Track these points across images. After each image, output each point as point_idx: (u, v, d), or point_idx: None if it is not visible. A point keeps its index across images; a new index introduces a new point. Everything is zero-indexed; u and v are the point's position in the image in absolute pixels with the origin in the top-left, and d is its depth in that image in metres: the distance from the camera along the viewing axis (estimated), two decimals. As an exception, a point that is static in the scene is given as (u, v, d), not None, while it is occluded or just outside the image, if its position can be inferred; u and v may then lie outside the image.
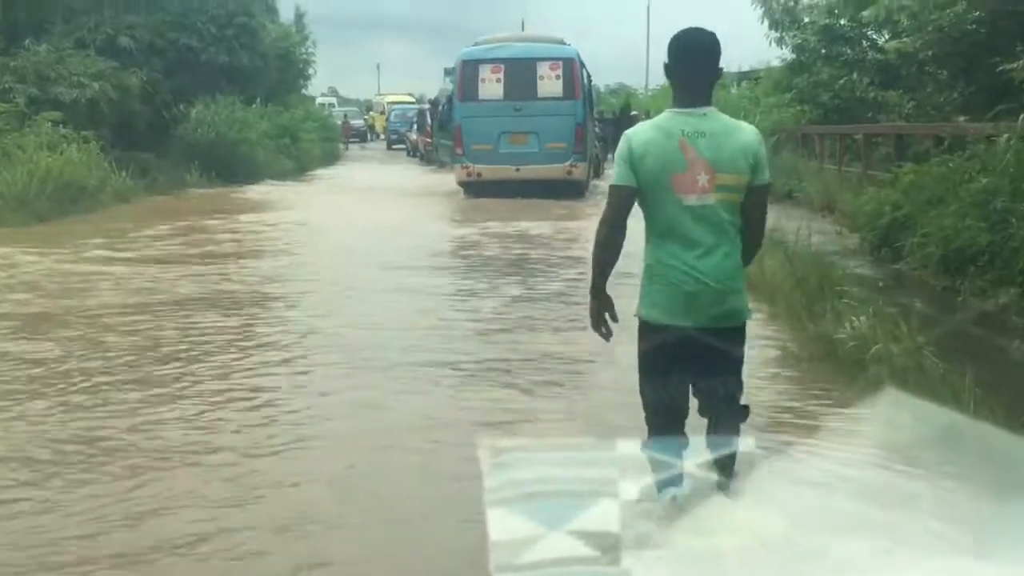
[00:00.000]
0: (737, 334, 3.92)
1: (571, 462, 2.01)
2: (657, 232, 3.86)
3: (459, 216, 17.55)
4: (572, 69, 19.89)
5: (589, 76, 22.64)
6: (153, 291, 9.98)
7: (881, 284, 10.11)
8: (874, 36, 20.85)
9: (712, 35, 3.89)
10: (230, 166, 25.94)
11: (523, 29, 56.47)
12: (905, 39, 14.31)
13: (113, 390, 6.32)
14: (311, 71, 42.66)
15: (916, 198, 11.07)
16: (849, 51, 21.23)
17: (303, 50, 42.25)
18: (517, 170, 19.13)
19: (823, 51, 21.88)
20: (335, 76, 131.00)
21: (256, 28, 25.25)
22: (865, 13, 13.59)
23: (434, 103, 38.05)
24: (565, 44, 20.85)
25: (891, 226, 11.25)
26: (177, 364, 7.04)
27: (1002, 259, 8.67)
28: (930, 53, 13.43)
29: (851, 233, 12.96)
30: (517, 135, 19.49)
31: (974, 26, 12.93)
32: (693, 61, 3.85)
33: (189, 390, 6.39)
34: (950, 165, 10.87)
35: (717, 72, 3.91)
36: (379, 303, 9.52)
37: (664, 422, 3.89)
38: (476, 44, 20.87)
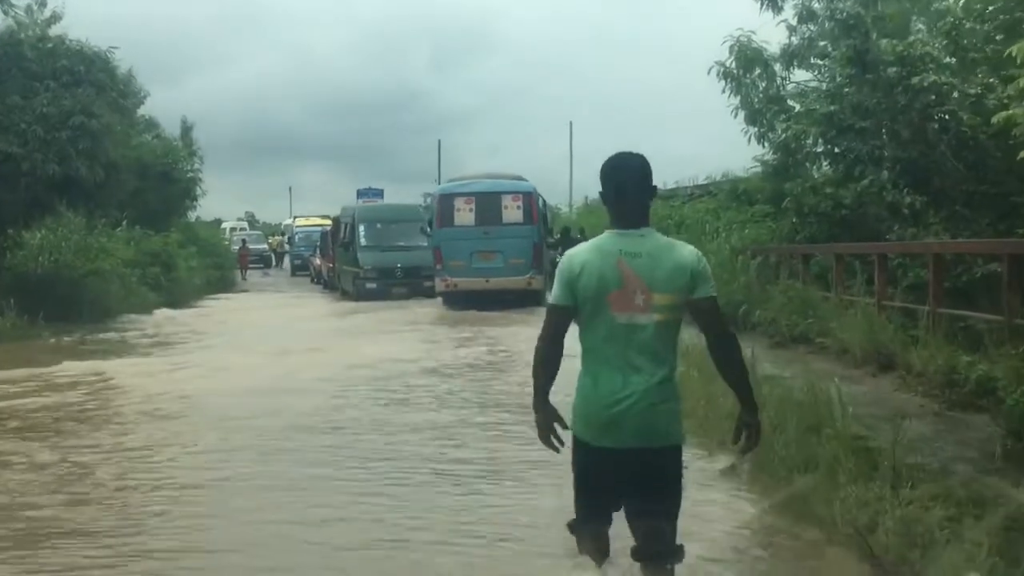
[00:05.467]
0: (669, 458, 3.90)
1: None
2: (589, 351, 3.90)
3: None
4: (530, 201, 24.21)
5: (545, 203, 27.58)
6: None
7: None
8: (897, 128, 15.67)
9: (641, 157, 4.01)
10: (69, 304, 20.95)
11: (439, 151, 61.70)
12: (1016, 109, 9.26)
13: None
14: (199, 191, 37.08)
15: None
16: (860, 146, 16.12)
17: (189, 167, 36.84)
18: (487, 281, 23.39)
19: (827, 146, 16.87)
20: (253, 201, 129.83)
21: (99, 131, 19.76)
22: (1014, 50, 8.55)
23: (336, 222, 32.91)
24: (524, 180, 25.12)
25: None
26: None
27: None
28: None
29: (947, 411, 9.01)
30: (486, 253, 23.57)
31: None
32: (625, 185, 3.94)
33: None
34: None
35: (650, 192, 4.00)
36: None
37: (591, 544, 4.06)
38: (451, 180, 26.51)
